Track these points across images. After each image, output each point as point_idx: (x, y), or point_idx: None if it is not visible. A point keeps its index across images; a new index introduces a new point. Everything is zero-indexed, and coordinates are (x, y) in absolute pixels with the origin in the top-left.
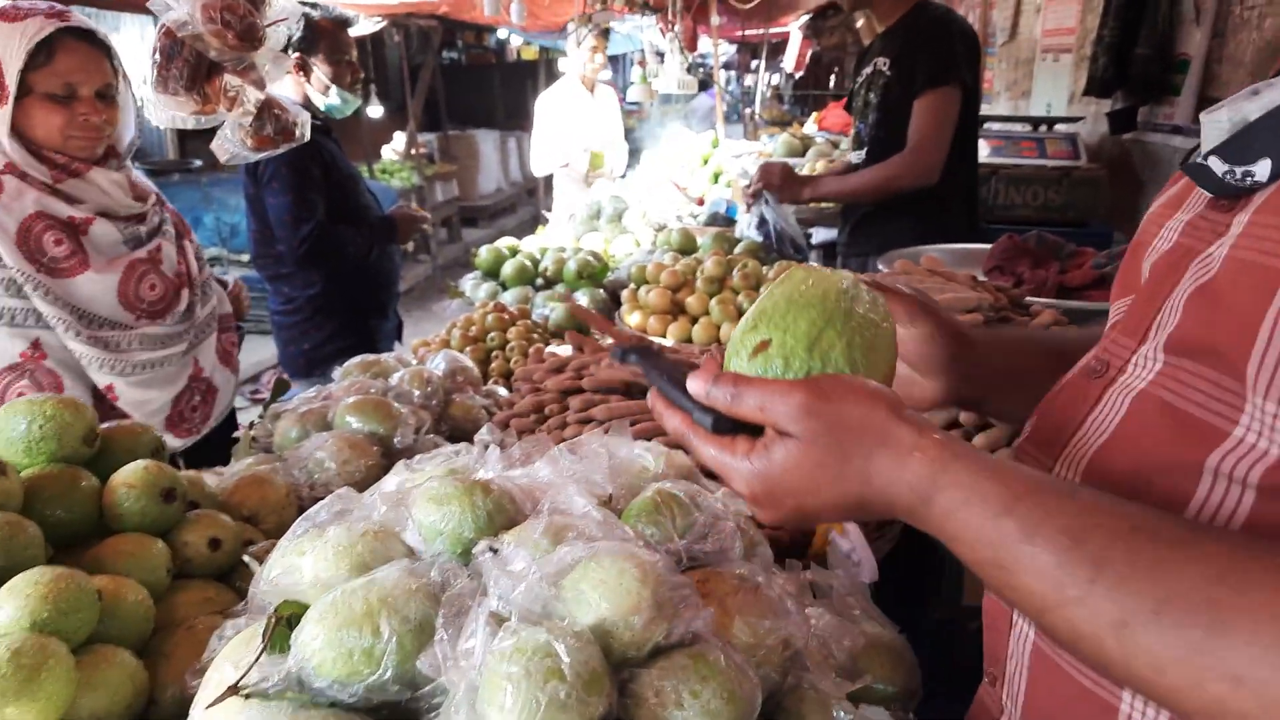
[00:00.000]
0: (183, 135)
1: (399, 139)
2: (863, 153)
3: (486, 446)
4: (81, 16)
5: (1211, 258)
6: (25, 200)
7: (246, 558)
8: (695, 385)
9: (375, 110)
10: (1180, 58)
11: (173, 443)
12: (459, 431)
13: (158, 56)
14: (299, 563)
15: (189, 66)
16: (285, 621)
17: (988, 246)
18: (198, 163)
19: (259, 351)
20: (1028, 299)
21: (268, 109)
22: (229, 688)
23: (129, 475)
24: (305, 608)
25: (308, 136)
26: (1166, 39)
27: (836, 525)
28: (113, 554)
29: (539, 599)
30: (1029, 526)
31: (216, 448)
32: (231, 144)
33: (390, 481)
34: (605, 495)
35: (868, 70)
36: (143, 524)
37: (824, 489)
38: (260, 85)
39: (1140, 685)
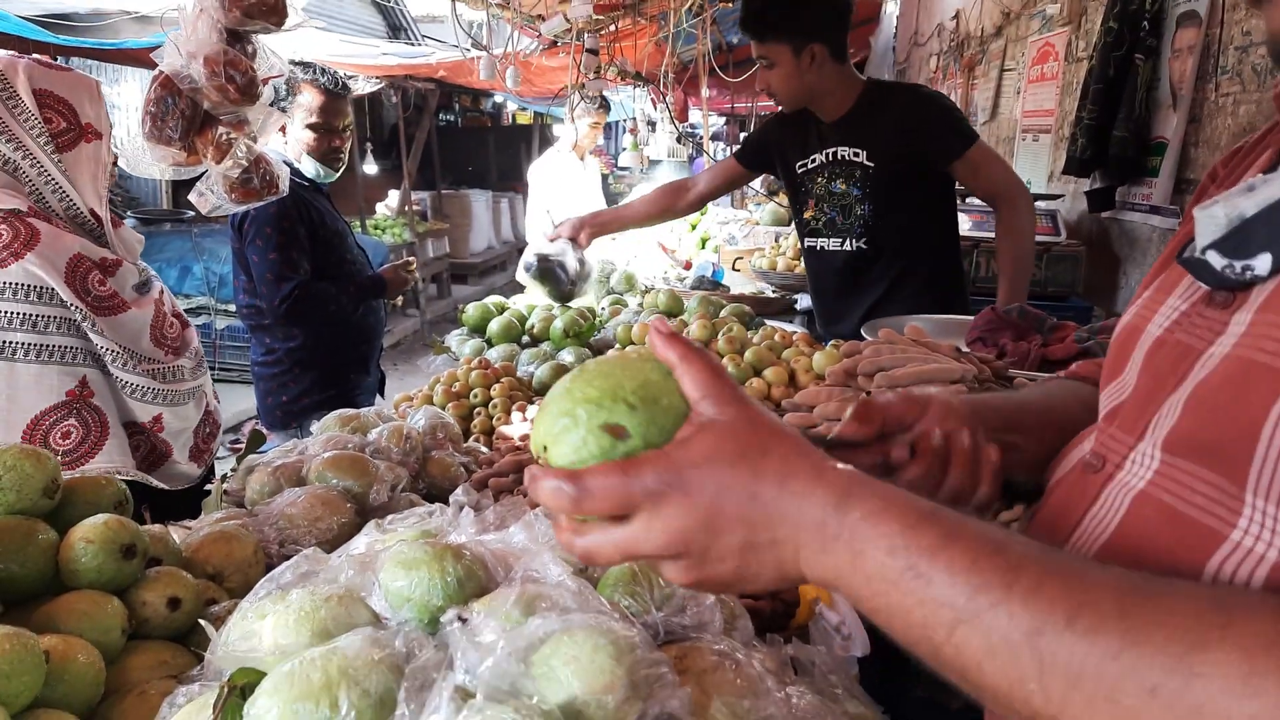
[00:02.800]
0: (176, 185)
1: (393, 196)
2: (845, 241)
3: (461, 508)
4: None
5: (1212, 357)
6: (66, 240)
7: (202, 621)
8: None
9: (370, 167)
10: (1157, 140)
11: (195, 472)
12: (437, 489)
13: (153, 106)
14: (258, 627)
15: (184, 117)
16: (239, 691)
17: (970, 318)
18: (189, 213)
19: (240, 401)
20: (1011, 371)
21: (256, 163)
22: None
23: (88, 530)
24: (262, 676)
25: (286, 190)
26: (1143, 122)
27: (824, 595)
28: (66, 612)
29: (507, 675)
30: (947, 534)
31: (194, 497)
32: (214, 195)
33: (360, 542)
34: (581, 563)
35: (820, 159)
36: (99, 581)
37: (736, 485)
38: (253, 139)
39: (1054, 704)
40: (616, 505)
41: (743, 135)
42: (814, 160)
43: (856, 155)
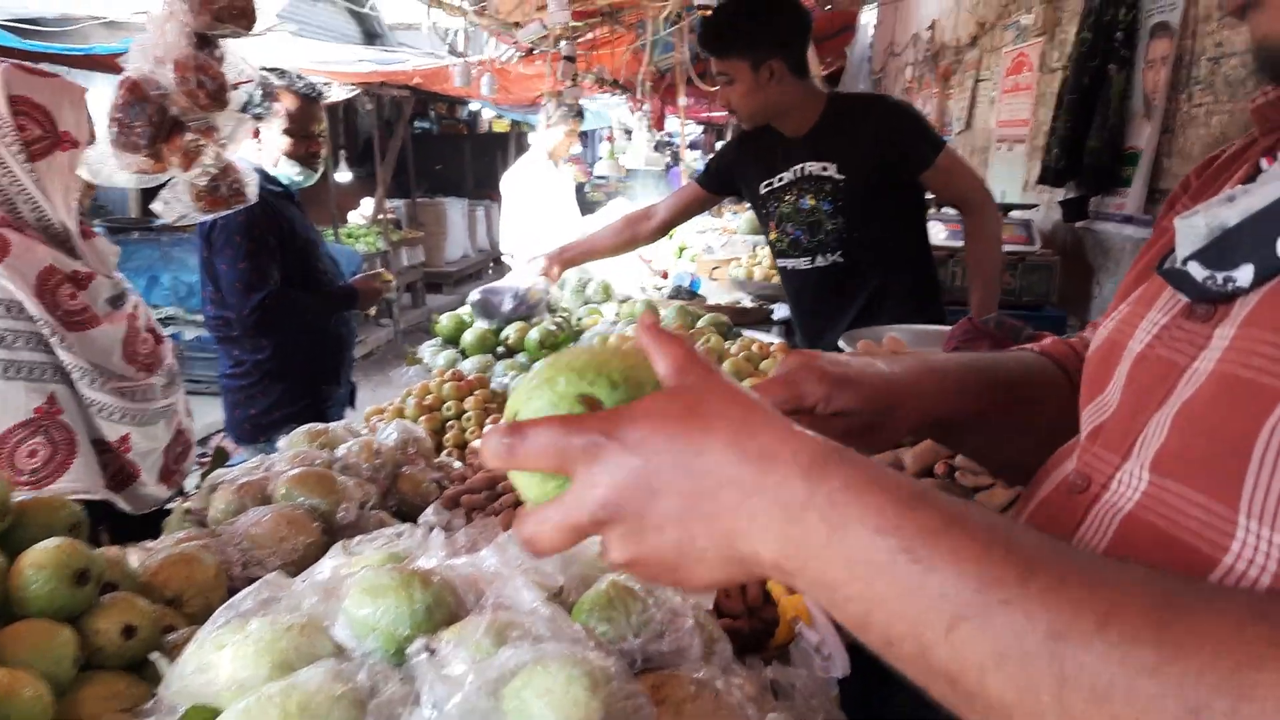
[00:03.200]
0: (145, 194)
1: (367, 204)
2: (816, 257)
3: (431, 529)
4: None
5: (1197, 373)
6: (38, 253)
7: (153, 656)
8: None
9: (344, 175)
10: (1130, 150)
11: (162, 494)
12: (408, 506)
13: (119, 113)
14: (215, 659)
15: (152, 124)
16: None
17: (947, 328)
18: (158, 222)
19: (210, 413)
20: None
21: (224, 171)
22: None
23: (39, 555)
24: (216, 714)
25: (255, 199)
26: (1117, 132)
27: (804, 614)
28: (13, 642)
29: (476, 711)
30: (950, 517)
31: (157, 516)
32: (180, 204)
33: (325, 566)
34: (555, 587)
35: (788, 177)
36: (50, 609)
37: (678, 445)
38: (222, 146)
39: None
40: (552, 459)
41: (719, 144)
42: (780, 179)
43: (826, 169)
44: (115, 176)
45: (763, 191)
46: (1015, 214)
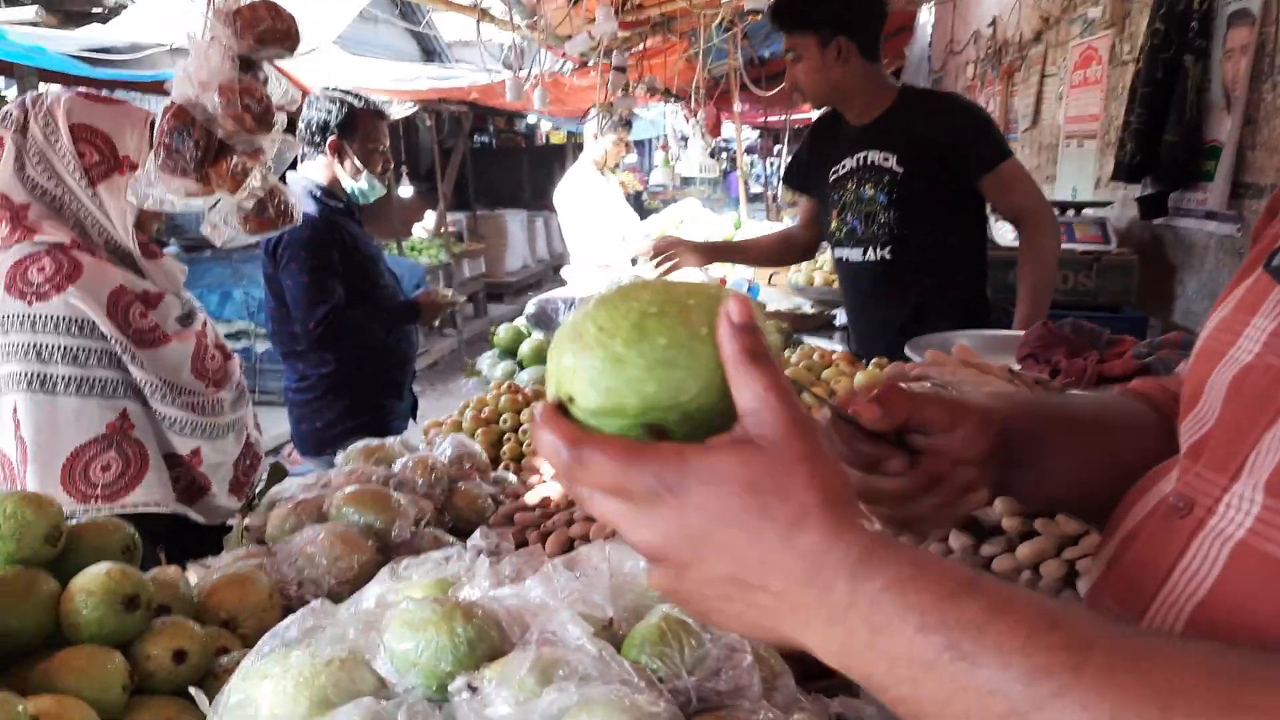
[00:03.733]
0: None
1: (429, 217)
2: (869, 250)
3: (480, 553)
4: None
5: None
6: (109, 274)
7: (193, 690)
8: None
9: (406, 190)
10: (1211, 144)
11: (234, 505)
12: (463, 522)
13: (166, 138)
14: (255, 694)
15: (198, 148)
16: None
17: (1019, 333)
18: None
19: (280, 424)
20: (1069, 392)
21: (270, 193)
22: None
23: (88, 581)
24: None
25: (300, 221)
26: (1195, 126)
27: None
28: (63, 669)
29: None
30: (994, 606)
31: (221, 531)
32: (228, 226)
33: (370, 593)
34: (605, 620)
35: (850, 164)
36: (100, 634)
37: (740, 519)
38: (268, 168)
39: None
40: (609, 490)
41: (775, 148)
42: (844, 166)
43: (886, 160)
44: (164, 200)
45: (830, 179)
46: (1089, 212)
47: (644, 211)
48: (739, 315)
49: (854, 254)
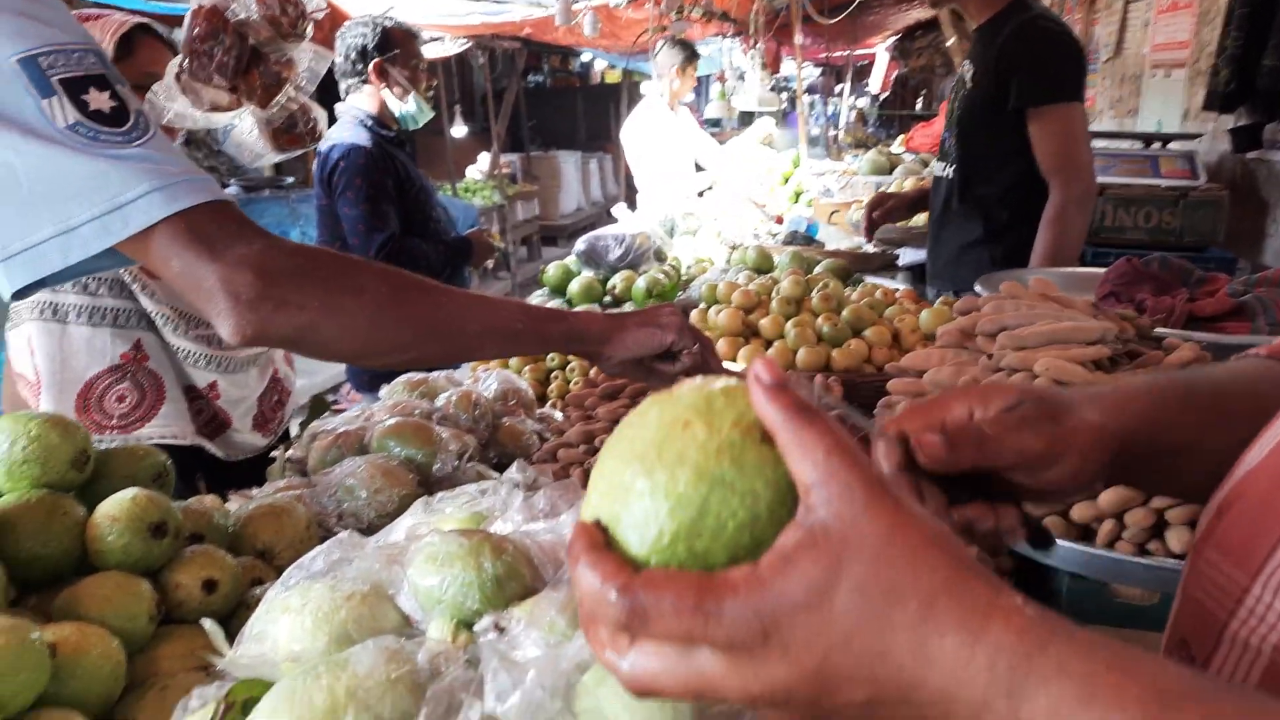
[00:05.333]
0: None
1: (483, 159)
2: (946, 165)
3: (515, 486)
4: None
5: None
6: None
7: (205, 622)
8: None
9: (460, 130)
10: None
11: (259, 442)
12: (508, 458)
13: (197, 44)
14: (273, 630)
15: (231, 55)
16: (240, 708)
17: (1100, 270)
18: (289, 180)
19: (337, 363)
20: (1159, 330)
21: (302, 108)
22: None
23: (113, 507)
24: (266, 689)
25: (325, 133)
26: None
27: None
28: (88, 597)
29: (542, 711)
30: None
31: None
32: (255, 144)
33: (402, 525)
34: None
35: (957, 77)
36: (126, 562)
37: (857, 639)
38: (300, 83)
39: None
40: (682, 640)
41: (838, 87)
42: (955, 80)
43: (968, 72)
44: (186, 116)
45: (951, 97)
46: (1175, 145)
47: None
48: (768, 374)
49: (938, 167)
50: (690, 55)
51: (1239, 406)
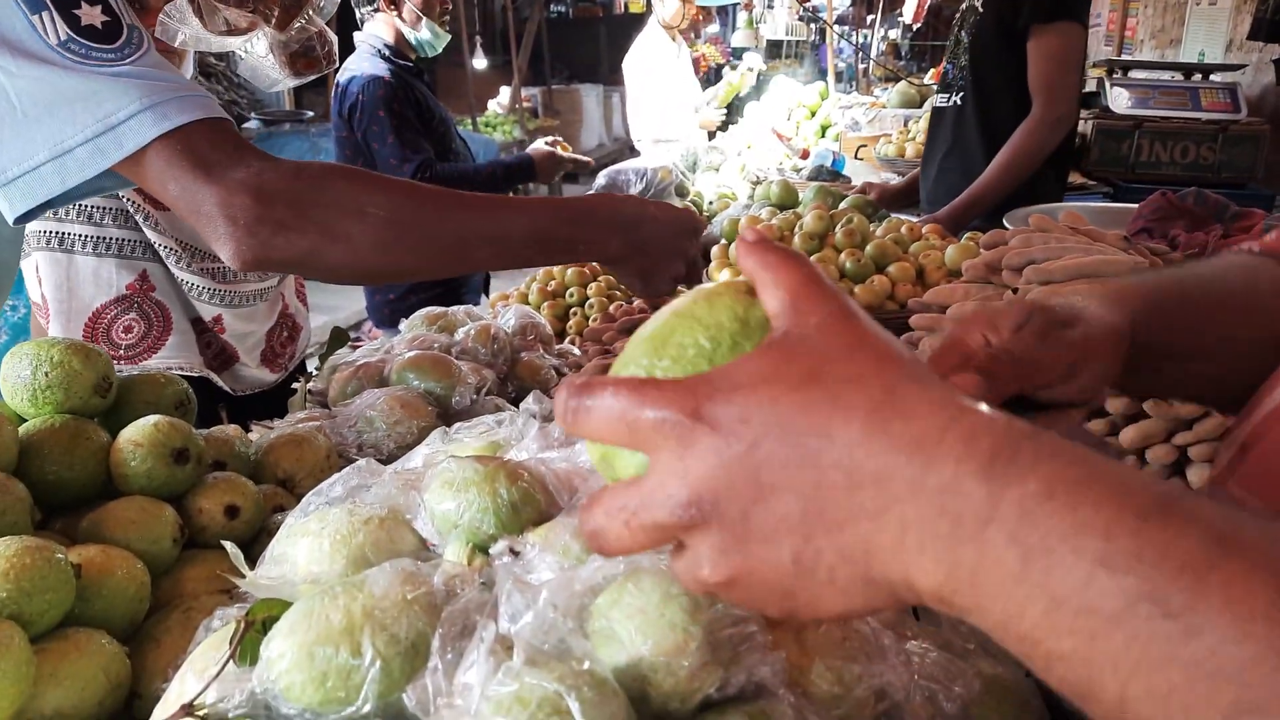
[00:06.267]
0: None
1: (504, 93)
2: (951, 96)
3: (532, 415)
4: None
5: None
6: None
7: (226, 544)
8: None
9: (480, 62)
10: None
11: (267, 377)
12: (525, 392)
13: None
14: (293, 551)
15: None
16: (260, 626)
17: (1133, 206)
18: (309, 114)
19: (359, 299)
20: (1189, 263)
21: (320, 32)
22: (181, 706)
23: (136, 433)
24: (285, 609)
25: (337, 60)
26: None
27: None
28: (113, 520)
29: (554, 631)
30: (1215, 538)
31: (284, 395)
32: (272, 70)
33: (419, 454)
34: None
35: (964, 6)
36: (150, 487)
37: (801, 418)
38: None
39: None
40: (617, 432)
41: (869, 18)
42: (963, 5)
43: (976, 1)
44: (200, 39)
45: (954, 26)
46: (1216, 77)
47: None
48: (753, 234)
49: (940, 100)
50: None
51: (1236, 303)
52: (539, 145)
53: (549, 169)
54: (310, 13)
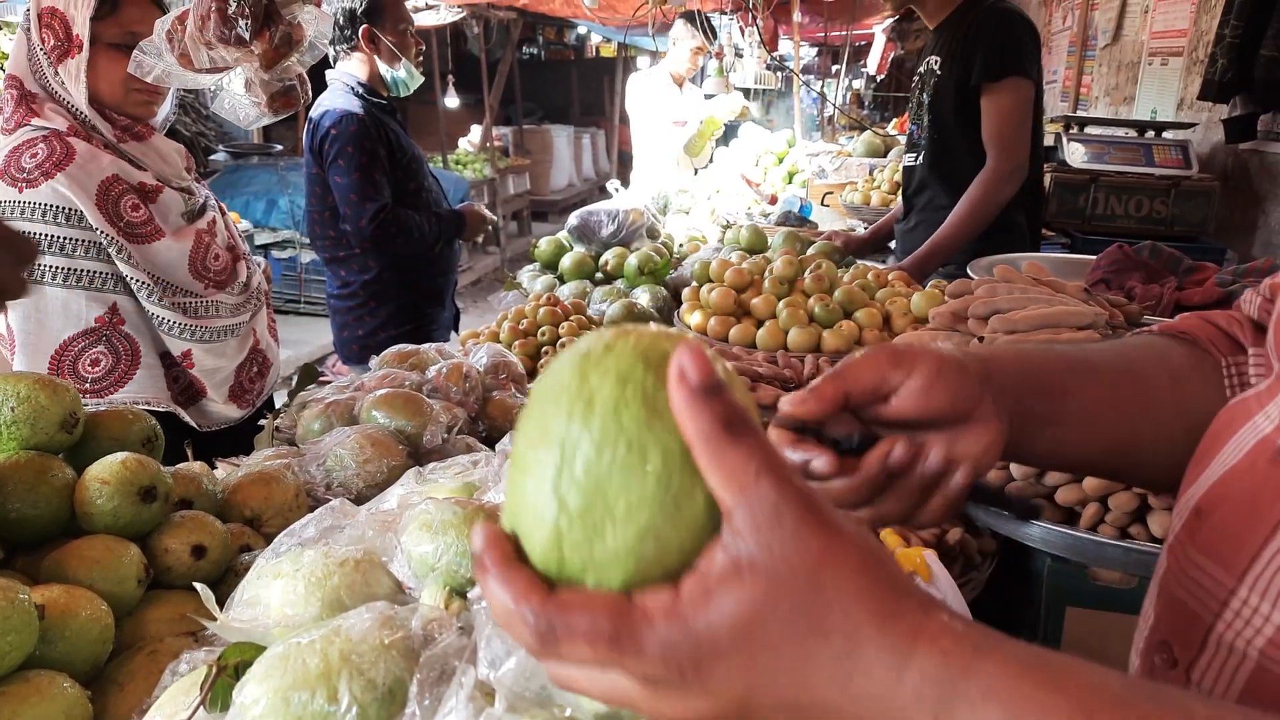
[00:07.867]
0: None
1: (475, 131)
2: (917, 156)
3: (507, 457)
4: None
5: None
6: (101, 162)
7: (199, 586)
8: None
9: (452, 101)
10: None
11: (233, 414)
12: (497, 432)
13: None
14: (266, 594)
15: (252, 13)
16: (232, 671)
17: (1091, 257)
18: (278, 147)
19: (325, 334)
20: (1147, 317)
21: (299, 77)
22: None
23: (103, 470)
24: (258, 653)
25: (310, 95)
26: None
27: (922, 570)
28: (76, 559)
29: (536, 677)
30: None
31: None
32: (251, 107)
33: (393, 495)
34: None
35: (921, 70)
36: (116, 525)
37: (782, 676)
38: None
39: None
40: (599, 667)
41: (834, 68)
42: (920, 70)
43: (935, 62)
44: (173, 75)
45: (913, 89)
46: (1169, 135)
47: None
48: (696, 373)
49: (908, 159)
50: (704, 31)
51: (1150, 376)
52: (469, 205)
53: (474, 227)
54: (298, 55)
